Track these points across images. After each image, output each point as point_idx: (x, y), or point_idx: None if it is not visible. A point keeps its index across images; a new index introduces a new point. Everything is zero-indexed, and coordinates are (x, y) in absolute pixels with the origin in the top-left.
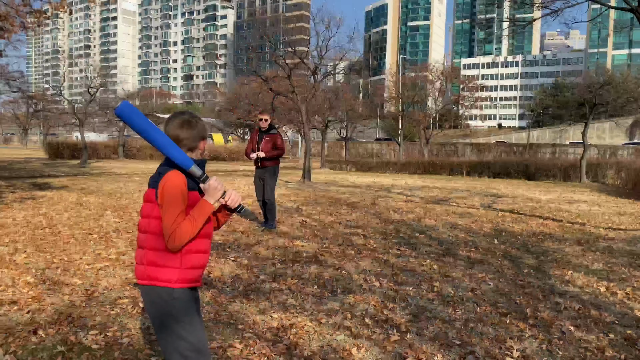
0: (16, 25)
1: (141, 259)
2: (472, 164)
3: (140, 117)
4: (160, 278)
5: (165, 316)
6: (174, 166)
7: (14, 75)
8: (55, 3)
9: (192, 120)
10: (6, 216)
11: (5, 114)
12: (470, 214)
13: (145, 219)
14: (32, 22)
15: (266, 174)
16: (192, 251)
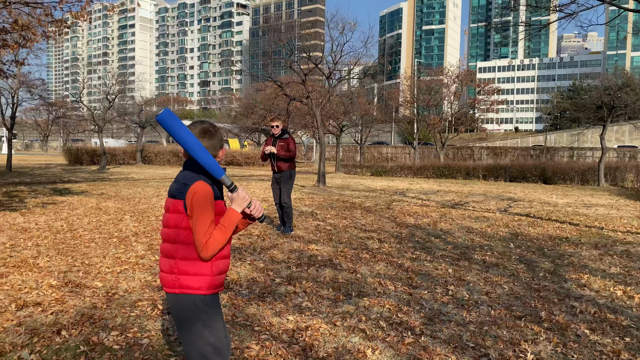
0: (38, 34)
1: (171, 269)
2: (488, 167)
3: (179, 124)
4: (192, 286)
5: (194, 321)
6: (197, 173)
7: (35, 83)
8: (76, 12)
9: (212, 129)
10: (29, 221)
11: (26, 120)
12: (486, 217)
13: (173, 229)
14: (54, 31)
15: (282, 178)
16: (220, 257)
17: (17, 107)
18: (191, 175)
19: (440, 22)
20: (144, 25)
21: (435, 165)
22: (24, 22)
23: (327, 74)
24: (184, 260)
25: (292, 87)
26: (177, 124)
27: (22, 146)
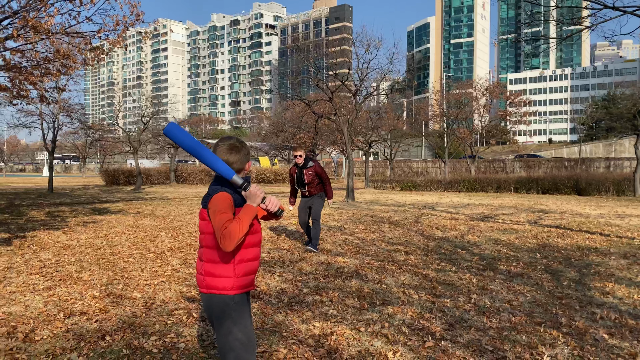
0: (78, 62)
1: (201, 270)
2: (520, 180)
3: (185, 134)
4: (217, 287)
5: (224, 318)
6: (221, 185)
7: (74, 108)
8: (112, 39)
9: (239, 144)
10: (71, 238)
11: (65, 143)
12: (515, 230)
13: (202, 234)
14: (92, 58)
15: (313, 199)
16: (244, 260)
17: (58, 131)
18: (216, 188)
19: (468, 35)
20: (176, 49)
21: (466, 178)
22: (65, 51)
23: (353, 91)
24: (210, 263)
25: (320, 104)
26: (182, 134)
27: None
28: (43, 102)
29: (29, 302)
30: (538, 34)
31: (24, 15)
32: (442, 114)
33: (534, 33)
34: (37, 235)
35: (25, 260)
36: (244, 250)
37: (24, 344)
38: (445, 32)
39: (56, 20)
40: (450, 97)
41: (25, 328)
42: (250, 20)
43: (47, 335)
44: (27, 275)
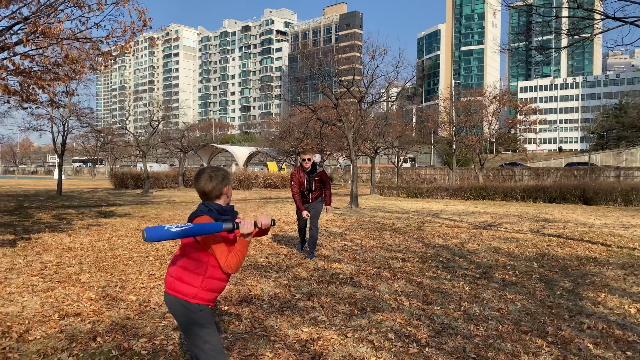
0: (86, 67)
1: (172, 272)
2: (527, 188)
3: (163, 231)
4: (182, 292)
5: (188, 324)
6: (208, 208)
7: (84, 112)
8: (121, 45)
9: (212, 174)
10: (74, 241)
11: (76, 147)
12: (516, 238)
13: (183, 244)
14: (100, 63)
15: (312, 204)
16: (214, 277)
17: (68, 135)
18: (203, 209)
19: (479, 42)
20: (187, 54)
21: (473, 186)
22: (74, 57)
23: (358, 98)
24: (182, 269)
25: (327, 110)
26: (162, 232)
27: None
28: (52, 105)
29: (27, 302)
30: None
31: (34, 21)
32: (451, 121)
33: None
34: (42, 237)
35: (27, 261)
36: (217, 270)
37: (17, 344)
38: (455, 40)
39: (65, 26)
40: (460, 105)
41: (20, 328)
42: (261, 26)
43: (40, 335)
44: (28, 277)
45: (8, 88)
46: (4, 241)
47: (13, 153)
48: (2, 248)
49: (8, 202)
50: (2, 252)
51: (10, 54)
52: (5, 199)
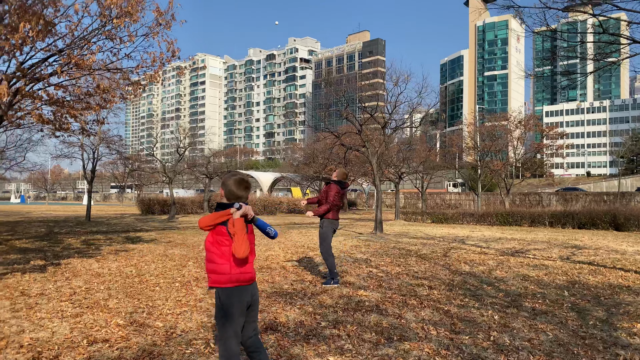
0: (117, 96)
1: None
2: (555, 214)
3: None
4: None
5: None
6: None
7: (113, 140)
8: (149, 74)
9: (224, 178)
10: (102, 266)
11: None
12: (545, 265)
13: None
14: (130, 92)
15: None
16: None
17: (97, 162)
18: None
19: (502, 67)
20: (213, 82)
21: (499, 211)
22: (105, 86)
23: (382, 124)
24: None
25: (351, 136)
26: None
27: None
28: (84, 134)
29: (56, 328)
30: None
31: (69, 53)
32: (475, 146)
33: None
34: (71, 262)
35: (57, 287)
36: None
37: None
38: (478, 65)
39: (97, 57)
40: (484, 130)
41: (50, 354)
42: (286, 54)
43: None
44: (57, 302)
45: (42, 117)
46: (35, 267)
47: (44, 180)
48: (33, 273)
49: (39, 228)
50: (33, 277)
51: (45, 84)
52: (36, 225)
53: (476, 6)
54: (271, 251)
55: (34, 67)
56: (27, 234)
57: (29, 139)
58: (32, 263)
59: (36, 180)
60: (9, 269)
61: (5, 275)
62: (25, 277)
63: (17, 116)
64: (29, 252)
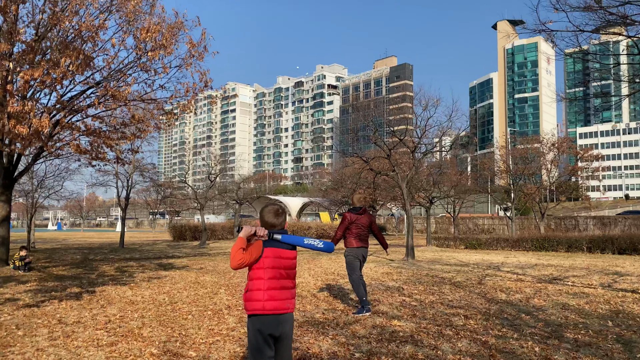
0: (151, 126)
1: (290, 294)
2: (593, 238)
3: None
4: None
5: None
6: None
7: (147, 168)
8: (183, 104)
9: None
10: (136, 294)
11: (138, 200)
12: (586, 294)
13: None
14: (164, 122)
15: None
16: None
17: (131, 189)
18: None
19: (533, 89)
20: (243, 110)
21: (534, 237)
22: (139, 117)
23: (411, 148)
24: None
25: (379, 161)
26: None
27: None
28: (119, 163)
29: (92, 357)
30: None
31: (105, 85)
32: (508, 169)
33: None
34: (106, 290)
35: (92, 315)
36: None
37: None
38: (508, 87)
39: (133, 89)
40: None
41: None
42: (313, 81)
43: None
44: (93, 330)
45: (80, 147)
46: (71, 294)
47: (80, 207)
48: (69, 301)
49: (75, 255)
50: (69, 305)
51: (83, 116)
52: (72, 252)
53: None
54: (301, 278)
55: (72, 100)
56: (64, 261)
57: (66, 168)
58: (68, 290)
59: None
60: (47, 297)
61: (43, 302)
62: (62, 304)
63: (56, 146)
64: (66, 279)
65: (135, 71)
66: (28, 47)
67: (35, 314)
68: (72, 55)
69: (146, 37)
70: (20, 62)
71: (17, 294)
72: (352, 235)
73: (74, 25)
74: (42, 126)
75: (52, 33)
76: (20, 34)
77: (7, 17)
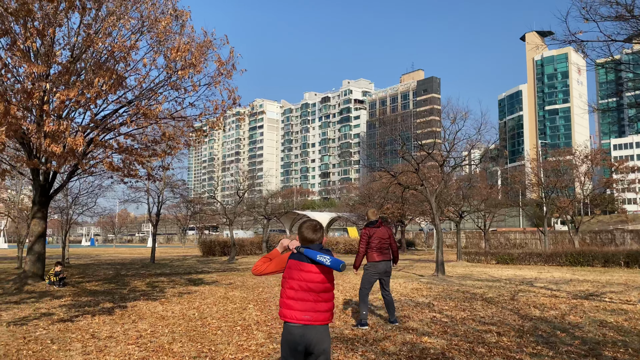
0: (181, 143)
1: (326, 307)
2: (631, 253)
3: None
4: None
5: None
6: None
7: (177, 184)
8: (212, 121)
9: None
10: (166, 309)
11: (168, 216)
12: (625, 310)
13: (328, 283)
14: (193, 139)
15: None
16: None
17: (162, 205)
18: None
19: (564, 101)
20: (270, 126)
21: (569, 251)
22: (170, 134)
23: (440, 162)
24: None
25: (407, 174)
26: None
27: (164, 239)
28: (150, 179)
29: None
30: None
31: (137, 104)
32: (540, 182)
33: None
34: (137, 305)
35: (124, 330)
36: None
37: None
38: (539, 99)
39: (163, 107)
40: (548, 165)
41: None
42: (340, 96)
43: None
44: (125, 345)
45: (113, 165)
46: (104, 309)
47: (112, 223)
48: (102, 316)
49: (107, 271)
50: (102, 319)
51: (116, 134)
52: (104, 267)
53: (534, 41)
54: None
55: (105, 118)
56: (97, 276)
57: (99, 185)
58: (101, 305)
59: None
60: (81, 312)
61: (77, 317)
62: (95, 319)
63: (90, 164)
64: (98, 294)
65: (165, 89)
66: (64, 69)
67: (69, 329)
68: (106, 75)
69: (176, 57)
70: (57, 83)
71: (52, 308)
72: (374, 249)
73: (107, 46)
74: (76, 145)
75: (86, 54)
76: (56, 55)
77: (45, 40)
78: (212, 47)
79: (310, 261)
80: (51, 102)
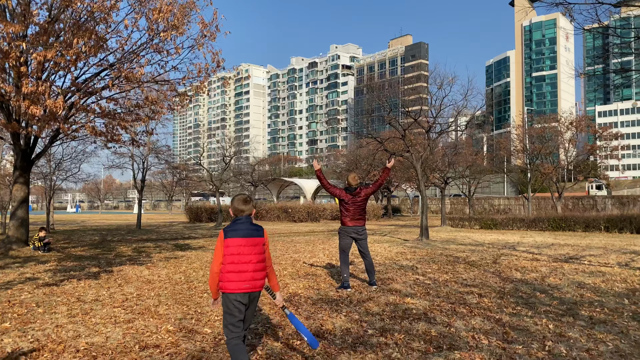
0: (164, 107)
1: (263, 276)
2: (611, 218)
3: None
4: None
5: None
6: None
7: (162, 150)
8: (195, 85)
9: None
10: (152, 273)
11: (154, 183)
12: (602, 272)
13: (265, 253)
14: (177, 103)
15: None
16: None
17: (147, 171)
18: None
19: (551, 67)
20: (257, 92)
21: (551, 216)
22: (153, 98)
23: (426, 128)
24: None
25: (394, 141)
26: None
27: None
28: (134, 144)
29: (110, 333)
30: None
31: (119, 66)
32: (525, 149)
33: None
34: (123, 269)
35: (110, 293)
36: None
37: None
38: (526, 66)
39: (146, 70)
40: (533, 132)
41: (104, 358)
42: (328, 62)
43: None
44: (111, 308)
45: (95, 129)
46: (90, 273)
47: (98, 190)
48: (88, 280)
49: (93, 236)
50: (88, 284)
51: (98, 98)
52: (90, 233)
53: (522, 5)
54: (316, 258)
55: (87, 82)
56: (82, 242)
57: (83, 150)
58: (87, 270)
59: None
60: (66, 276)
61: (62, 282)
62: (81, 283)
63: (72, 129)
64: (84, 259)
65: (148, 52)
66: (41, 29)
67: (54, 293)
68: (85, 36)
69: (158, 18)
70: (34, 43)
71: (37, 273)
72: (348, 215)
73: (86, 6)
74: (56, 107)
75: (64, 15)
76: (33, 15)
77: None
78: (195, 8)
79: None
80: (29, 63)
